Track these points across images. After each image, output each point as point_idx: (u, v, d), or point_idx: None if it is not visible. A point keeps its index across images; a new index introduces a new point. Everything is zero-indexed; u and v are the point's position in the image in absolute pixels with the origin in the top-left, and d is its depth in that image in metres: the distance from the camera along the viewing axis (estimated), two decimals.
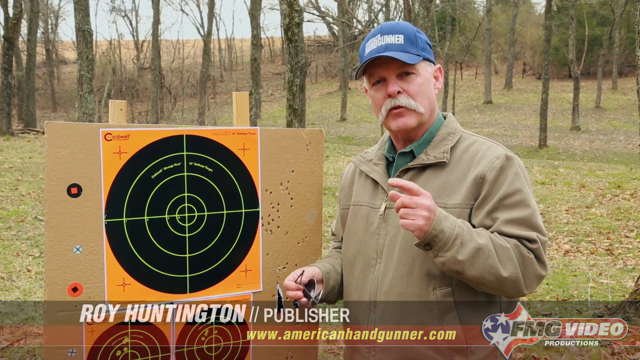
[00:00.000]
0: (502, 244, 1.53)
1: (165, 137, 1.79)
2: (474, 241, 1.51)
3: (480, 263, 1.51)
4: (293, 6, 9.42)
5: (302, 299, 1.76)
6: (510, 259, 1.53)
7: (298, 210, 1.98)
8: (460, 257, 1.50)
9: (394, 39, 1.68)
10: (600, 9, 35.12)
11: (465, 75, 41.50)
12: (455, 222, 1.53)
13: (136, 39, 46.01)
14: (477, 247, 1.51)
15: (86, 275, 1.71)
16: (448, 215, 1.53)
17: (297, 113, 9.55)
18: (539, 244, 1.55)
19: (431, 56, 1.75)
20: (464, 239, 1.51)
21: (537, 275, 1.56)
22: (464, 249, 1.50)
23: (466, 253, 1.50)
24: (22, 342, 4.40)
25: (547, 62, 23.11)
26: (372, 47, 1.71)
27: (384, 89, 1.71)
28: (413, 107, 1.69)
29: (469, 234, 1.52)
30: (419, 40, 1.71)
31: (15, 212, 9.02)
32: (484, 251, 1.51)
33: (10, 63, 21.50)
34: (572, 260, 6.95)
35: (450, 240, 1.50)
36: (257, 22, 26.15)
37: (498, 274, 1.52)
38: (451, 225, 1.51)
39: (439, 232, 1.49)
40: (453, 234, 1.50)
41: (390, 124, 1.72)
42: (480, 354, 1.64)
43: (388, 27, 1.72)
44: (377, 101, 1.74)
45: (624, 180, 13.08)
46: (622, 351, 4.12)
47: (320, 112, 34.52)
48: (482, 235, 1.54)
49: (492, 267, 1.51)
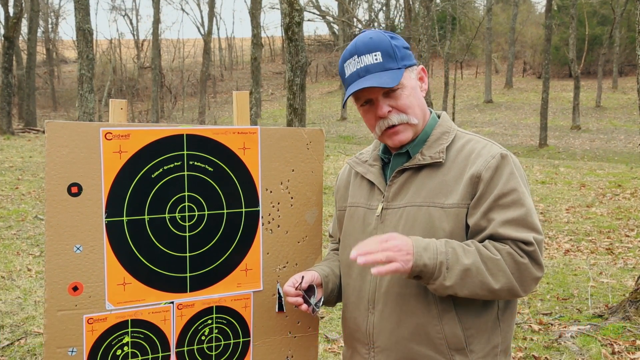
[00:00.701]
0: (492, 256, 1.53)
1: (166, 137, 1.79)
2: (460, 263, 1.52)
3: (470, 282, 1.52)
4: (293, 5, 9.42)
5: (302, 305, 1.76)
6: (501, 269, 1.53)
7: (298, 209, 1.98)
8: (447, 282, 1.52)
9: (372, 59, 1.66)
10: (601, 8, 35.11)
11: (465, 75, 41.50)
12: (437, 250, 1.53)
13: (136, 38, 46.02)
14: (464, 269, 1.52)
15: (86, 274, 1.71)
16: (427, 245, 1.53)
17: (298, 112, 9.55)
18: (534, 245, 1.55)
19: (412, 59, 1.72)
20: (450, 264, 1.52)
21: (533, 278, 1.56)
22: (450, 273, 1.51)
23: (454, 277, 1.52)
24: (22, 341, 4.40)
25: (548, 61, 23.12)
26: (351, 70, 1.69)
27: (373, 110, 1.70)
28: (406, 120, 1.68)
29: (454, 257, 1.53)
30: (396, 51, 1.68)
31: (16, 211, 9.03)
32: (471, 270, 1.52)
33: (11, 62, 21.50)
34: (572, 260, 6.96)
35: (435, 270, 1.51)
36: (257, 21, 26.15)
37: (490, 288, 1.53)
38: (432, 256, 1.52)
39: (422, 266, 1.51)
40: (437, 264, 1.51)
41: (387, 141, 1.73)
42: (480, 352, 1.64)
43: (362, 45, 1.68)
44: (369, 121, 1.74)
45: (624, 180, 13.09)
46: (623, 350, 4.12)
47: (321, 111, 34.53)
48: (469, 252, 1.54)
49: (482, 282, 1.53)
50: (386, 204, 1.70)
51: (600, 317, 4.83)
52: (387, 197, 1.71)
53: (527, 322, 4.81)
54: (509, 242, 1.55)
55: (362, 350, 1.75)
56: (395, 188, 1.70)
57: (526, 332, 4.58)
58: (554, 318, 4.92)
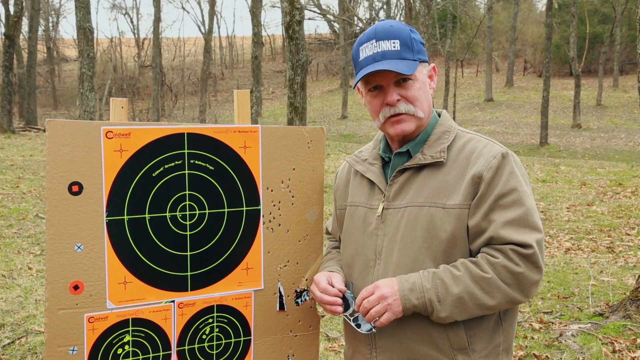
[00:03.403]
0: (484, 276, 1.54)
1: (167, 135, 1.78)
2: (450, 294, 1.54)
3: (466, 308, 1.56)
4: (294, 4, 9.41)
5: (337, 308, 1.71)
6: (495, 287, 1.54)
7: (299, 208, 1.98)
8: (443, 314, 1.55)
9: (390, 45, 1.66)
10: (602, 7, 35.09)
11: (466, 73, 41.47)
12: (423, 287, 1.56)
13: (137, 37, 46.03)
14: (456, 299, 1.55)
15: (87, 273, 1.71)
16: (413, 285, 1.56)
17: (298, 111, 9.54)
18: (534, 248, 1.54)
19: (426, 56, 1.73)
20: (441, 297, 1.55)
21: (532, 283, 1.56)
22: (444, 305, 1.55)
23: (448, 309, 1.55)
24: (23, 340, 4.40)
25: (548, 60, 23.08)
26: (367, 53, 1.68)
27: (382, 96, 1.69)
28: (412, 112, 1.68)
29: (444, 289, 1.55)
30: (414, 43, 1.68)
31: (17, 209, 9.03)
32: (464, 298, 1.54)
33: (11, 61, 21.49)
34: (573, 258, 6.95)
35: (426, 307, 1.56)
36: (258, 19, 26.13)
37: (487, 306, 1.56)
38: (419, 296, 1.55)
39: (412, 307, 1.57)
40: (425, 302, 1.55)
41: (389, 129, 1.71)
42: (482, 352, 1.64)
43: (383, 31, 1.68)
44: (374, 107, 1.72)
45: (625, 178, 13.07)
46: (623, 349, 4.11)
47: (322, 110, 34.51)
48: (458, 279, 1.55)
49: (478, 305, 1.55)
50: (387, 204, 1.70)
51: (601, 316, 4.83)
52: (388, 197, 1.70)
53: (527, 320, 4.81)
54: (507, 249, 1.54)
55: (363, 350, 1.75)
56: (396, 188, 1.69)
57: (527, 331, 4.58)
58: (554, 317, 4.92)
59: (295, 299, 1.98)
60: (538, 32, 39.18)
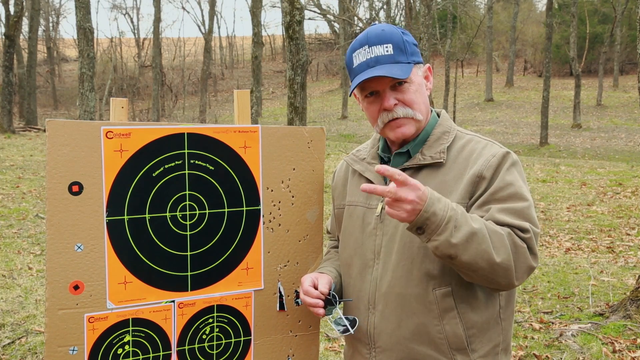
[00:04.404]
0: (496, 230, 1.50)
1: (167, 135, 1.78)
2: (468, 225, 1.47)
3: (474, 248, 1.47)
4: (294, 4, 9.41)
5: (319, 310, 1.70)
6: (504, 245, 1.49)
7: (299, 208, 1.98)
8: (454, 240, 1.45)
9: (383, 50, 1.65)
10: (602, 7, 35.09)
11: (466, 73, 41.48)
12: (448, 205, 1.48)
13: (137, 37, 46.04)
14: (472, 231, 1.46)
15: (87, 273, 1.71)
16: (441, 198, 1.49)
17: (298, 111, 9.54)
18: (531, 233, 1.53)
19: (420, 57, 1.72)
20: (458, 222, 1.46)
21: (528, 266, 1.53)
22: (458, 232, 1.46)
23: (460, 236, 1.46)
24: (23, 340, 4.41)
25: (549, 60, 23.09)
26: (361, 60, 1.67)
27: (379, 101, 1.68)
28: (411, 115, 1.67)
29: (463, 218, 1.48)
30: (407, 45, 1.67)
31: (17, 209, 9.03)
32: (478, 235, 1.47)
33: (12, 61, 21.51)
34: (573, 258, 6.95)
35: (443, 223, 1.45)
36: (258, 19, 26.13)
37: (491, 260, 1.48)
38: (444, 208, 1.46)
39: (431, 214, 1.44)
40: (446, 217, 1.45)
41: (389, 134, 1.70)
42: (482, 351, 1.64)
43: (375, 36, 1.67)
44: (372, 113, 1.71)
45: (625, 178, 13.08)
46: (623, 349, 4.11)
47: (322, 110, 34.52)
48: (476, 220, 1.50)
49: (485, 252, 1.47)
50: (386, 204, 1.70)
51: (601, 316, 4.83)
52: None
53: (527, 320, 4.81)
54: (506, 228, 1.52)
55: (363, 350, 1.75)
56: None
57: (527, 331, 4.58)
58: (554, 317, 4.92)
59: (295, 299, 1.98)
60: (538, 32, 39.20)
